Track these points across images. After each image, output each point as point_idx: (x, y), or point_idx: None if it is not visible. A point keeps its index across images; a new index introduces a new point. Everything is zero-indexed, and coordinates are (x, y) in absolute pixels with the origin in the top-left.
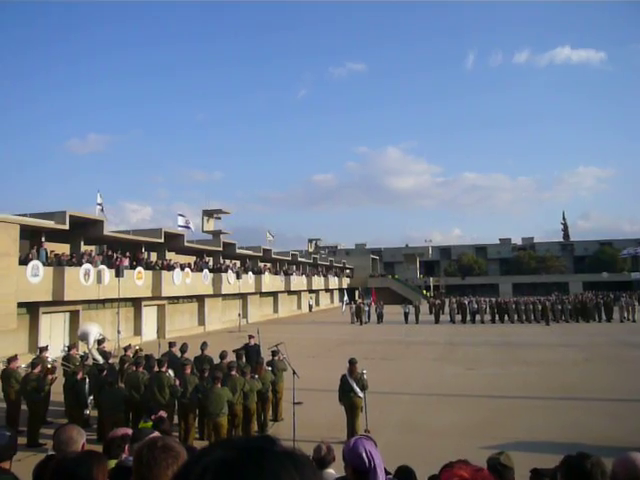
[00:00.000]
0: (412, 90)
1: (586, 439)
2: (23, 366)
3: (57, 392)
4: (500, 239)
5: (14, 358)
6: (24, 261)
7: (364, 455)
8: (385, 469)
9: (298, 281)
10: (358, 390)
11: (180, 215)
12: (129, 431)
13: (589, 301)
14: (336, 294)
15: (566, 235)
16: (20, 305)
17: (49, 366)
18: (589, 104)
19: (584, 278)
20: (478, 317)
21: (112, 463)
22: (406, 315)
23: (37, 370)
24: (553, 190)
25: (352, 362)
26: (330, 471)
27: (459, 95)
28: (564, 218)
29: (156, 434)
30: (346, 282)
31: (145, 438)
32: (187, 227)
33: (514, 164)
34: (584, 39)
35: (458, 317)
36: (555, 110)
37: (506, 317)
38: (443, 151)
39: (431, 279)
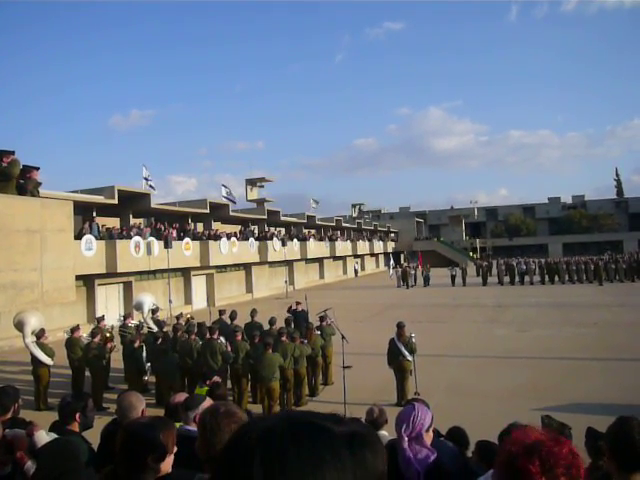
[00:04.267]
0: (454, 46)
1: None
2: (84, 335)
3: (117, 359)
4: (549, 198)
5: (77, 328)
6: (78, 236)
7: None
8: (437, 431)
9: (343, 246)
10: (407, 353)
11: (223, 186)
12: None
13: None
14: (381, 258)
15: (620, 192)
16: (77, 278)
17: (107, 335)
18: None
19: None
20: (527, 278)
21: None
22: (453, 278)
23: (97, 339)
24: (605, 145)
25: (400, 326)
26: (383, 433)
27: (504, 49)
28: (617, 174)
29: (209, 400)
30: (391, 246)
31: (197, 405)
32: (230, 199)
33: (563, 120)
34: None
35: (506, 279)
36: (607, 59)
37: (556, 278)
38: (487, 109)
39: (477, 241)
